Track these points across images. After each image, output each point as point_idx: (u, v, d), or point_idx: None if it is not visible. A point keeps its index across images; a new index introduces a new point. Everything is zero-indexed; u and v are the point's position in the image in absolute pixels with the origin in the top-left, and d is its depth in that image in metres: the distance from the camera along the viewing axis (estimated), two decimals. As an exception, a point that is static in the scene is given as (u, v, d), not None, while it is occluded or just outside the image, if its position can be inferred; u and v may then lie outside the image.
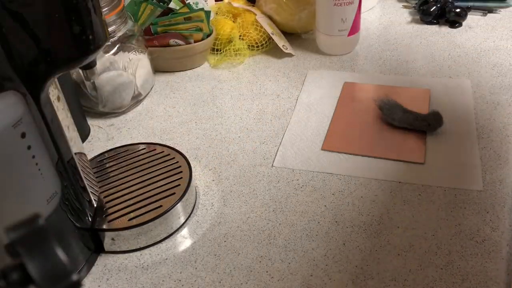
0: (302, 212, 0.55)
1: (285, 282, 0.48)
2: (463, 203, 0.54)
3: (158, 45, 0.82)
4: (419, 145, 0.62)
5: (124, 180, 0.57)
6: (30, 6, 0.38)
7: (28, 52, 0.39)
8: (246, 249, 0.52)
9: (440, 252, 0.49)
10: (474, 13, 0.93)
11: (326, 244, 0.51)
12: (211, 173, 0.62)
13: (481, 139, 0.63)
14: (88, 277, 0.50)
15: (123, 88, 0.72)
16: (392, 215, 0.54)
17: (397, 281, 0.47)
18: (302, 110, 0.72)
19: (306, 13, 0.85)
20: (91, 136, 0.72)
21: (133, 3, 0.85)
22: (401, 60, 0.81)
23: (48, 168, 0.44)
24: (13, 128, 0.39)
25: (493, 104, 0.69)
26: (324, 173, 0.60)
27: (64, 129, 0.46)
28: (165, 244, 0.53)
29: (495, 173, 0.57)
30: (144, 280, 0.50)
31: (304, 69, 0.82)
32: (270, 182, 0.60)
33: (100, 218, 0.53)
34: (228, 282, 0.48)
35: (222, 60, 0.85)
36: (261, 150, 0.65)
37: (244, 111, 0.73)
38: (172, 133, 0.70)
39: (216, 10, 0.92)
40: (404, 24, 0.93)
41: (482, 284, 0.46)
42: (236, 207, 0.57)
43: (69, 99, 0.56)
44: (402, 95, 0.71)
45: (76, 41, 0.41)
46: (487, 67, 0.77)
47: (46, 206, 0.44)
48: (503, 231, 0.51)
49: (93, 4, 0.41)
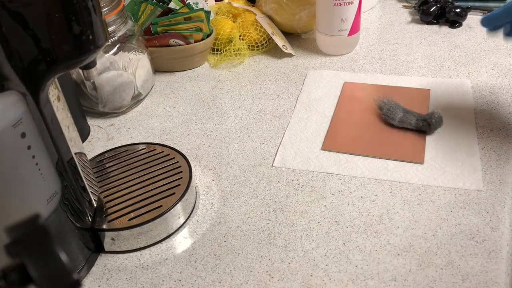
0: (302, 212, 0.55)
1: (285, 282, 0.48)
2: (463, 203, 0.54)
3: (158, 45, 0.82)
4: (419, 145, 0.62)
5: (124, 180, 0.57)
6: (30, 6, 0.38)
7: (28, 52, 0.39)
8: (246, 249, 0.52)
9: (440, 252, 0.49)
10: (474, 13, 0.93)
11: (326, 244, 0.51)
12: (211, 173, 0.62)
13: (481, 139, 0.63)
14: (88, 277, 0.50)
15: (123, 88, 0.72)
16: (392, 215, 0.54)
17: (397, 281, 0.47)
18: (302, 110, 0.72)
19: (306, 13, 0.85)
20: (91, 136, 0.72)
21: (133, 3, 0.85)
22: (401, 60, 0.81)
23: (48, 168, 0.44)
24: (13, 128, 0.39)
25: (493, 104, 0.69)
26: (324, 173, 0.60)
27: (64, 129, 0.46)
28: (165, 244, 0.53)
29: (495, 173, 0.57)
30: (144, 280, 0.50)
31: (304, 69, 0.82)
32: (270, 182, 0.60)
33: (100, 218, 0.53)
34: (228, 282, 0.48)
35: (222, 60, 0.85)
36: (261, 150, 0.65)
37: (244, 111, 0.73)
38: (172, 133, 0.70)
39: (216, 10, 0.92)
40: (404, 24, 0.93)
41: (482, 284, 0.46)
42: (236, 207, 0.57)
43: (69, 99, 0.56)
44: (402, 95, 0.71)
45: (76, 41, 0.41)
46: (487, 67, 0.77)
47: (46, 206, 0.44)
48: (503, 231, 0.51)
49: (93, 4, 0.41)
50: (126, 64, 0.73)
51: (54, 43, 0.40)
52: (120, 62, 0.72)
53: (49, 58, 0.40)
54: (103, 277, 0.50)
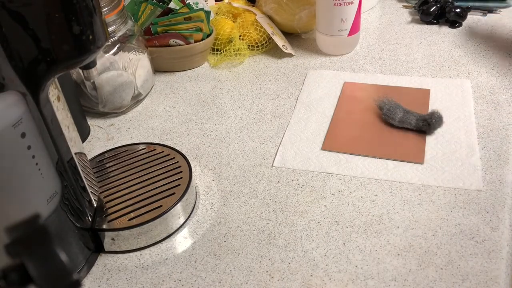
0: (302, 212, 0.55)
1: (285, 282, 0.48)
2: (463, 203, 0.54)
3: (158, 45, 0.82)
4: (419, 145, 0.62)
5: (124, 180, 0.57)
6: (30, 6, 0.38)
7: (28, 52, 0.39)
8: (246, 249, 0.52)
9: (440, 252, 0.49)
10: (474, 13, 0.93)
11: (326, 244, 0.51)
12: (211, 173, 0.62)
13: (481, 139, 0.63)
14: (88, 277, 0.50)
15: (123, 88, 0.72)
16: (392, 215, 0.54)
17: (397, 281, 0.47)
18: (302, 110, 0.72)
19: (306, 13, 0.85)
20: (91, 136, 0.72)
21: (133, 3, 0.85)
22: (401, 60, 0.81)
23: (48, 168, 0.44)
24: (13, 128, 0.39)
25: (493, 104, 0.69)
26: (324, 173, 0.60)
27: (64, 129, 0.46)
28: (165, 244, 0.53)
29: (495, 173, 0.57)
30: (144, 280, 0.50)
31: (304, 69, 0.82)
32: (270, 182, 0.60)
33: (100, 218, 0.53)
34: (228, 282, 0.49)
35: (222, 60, 0.85)
36: (261, 150, 0.65)
37: (244, 111, 0.73)
38: (172, 133, 0.70)
39: (216, 10, 0.92)
40: (404, 24, 0.93)
41: (482, 284, 0.46)
42: (236, 207, 0.57)
43: (69, 99, 0.56)
44: (402, 95, 0.71)
45: (76, 41, 0.41)
46: (487, 67, 0.77)
47: (46, 206, 0.44)
48: (503, 231, 0.51)
49: (93, 4, 0.41)
50: (126, 64, 0.73)
51: (54, 43, 0.40)
52: (120, 62, 0.72)
53: (49, 58, 0.40)
54: (103, 277, 0.50)
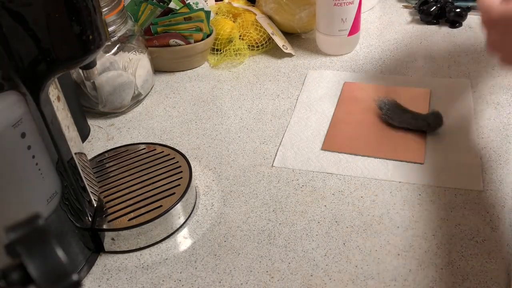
0: (302, 212, 0.55)
1: (285, 282, 0.48)
2: (463, 203, 0.54)
3: (158, 45, 0.82)
4: (419, 145, 0.62)
5: (124, 180, 0.57)
6: (30, 6, 0.38)
7: (28, 52, 0.39)
8: (246, 249, 0.52)
9: (440, 252, 0.49)
10: (474, 13, 0.93)
11: (326, 244, 0.51)
12: (211, 173, 0.62)
13: (481, 139, 0.63)
14: (88, 277, 0.50)
15: (123, 88, 0.72)
16: (392, 215, 0.54)
17: (397, 281, 0.47)
18: (302, 110, 0.72)
19: (306, 13, 0.85)
20: (91, 136, 0.72)
21: (133, 3, 0.85)
22: (401, 60, 0.81)
23: (48, 168, 0.44)
24: (13, 128, 0.39)
25: (493, 104, 0.69)
26: (324, 173, 0.60)
27: (64, 129, 0.46)
28: (165, 244, 0.53)
29: (495, 173, 0.57)
30: (144, 280, 0.50)
31: (304, 69, 0.82)
32: (270, 182, 0.60)
33: (100, 218, 0.53)
34: (228, 282, 0.48)
35: (222, 60, 0.85)
36: (261, 150, 0.65)
37: (244, 111, 0.73)
38: (172, 133, 0.70)
39: (216, 10, 0.92)
40: (404, 24, 0.93)
41: (482, 284, 0.46)
42: (236, 207, 0.57)
43: (69, 99, 0.56)
44: (402, 95, 0.71)
45: (76, 41, 0.41)
46: (487, 67, 0.77)
47: (46, 206, 0.44)
48: (503, 231, 0.51)
49: (93, 4, 0.41)
50: (126, 64, 0.73)
51: (54, 43, 0.40)
52: (120, 62, 0.72)
53: (49, 58, 0.40)
54: (103, 277, 0.50)
